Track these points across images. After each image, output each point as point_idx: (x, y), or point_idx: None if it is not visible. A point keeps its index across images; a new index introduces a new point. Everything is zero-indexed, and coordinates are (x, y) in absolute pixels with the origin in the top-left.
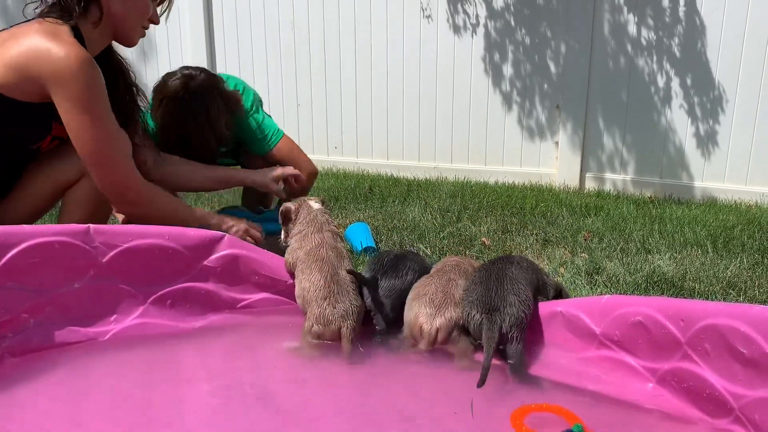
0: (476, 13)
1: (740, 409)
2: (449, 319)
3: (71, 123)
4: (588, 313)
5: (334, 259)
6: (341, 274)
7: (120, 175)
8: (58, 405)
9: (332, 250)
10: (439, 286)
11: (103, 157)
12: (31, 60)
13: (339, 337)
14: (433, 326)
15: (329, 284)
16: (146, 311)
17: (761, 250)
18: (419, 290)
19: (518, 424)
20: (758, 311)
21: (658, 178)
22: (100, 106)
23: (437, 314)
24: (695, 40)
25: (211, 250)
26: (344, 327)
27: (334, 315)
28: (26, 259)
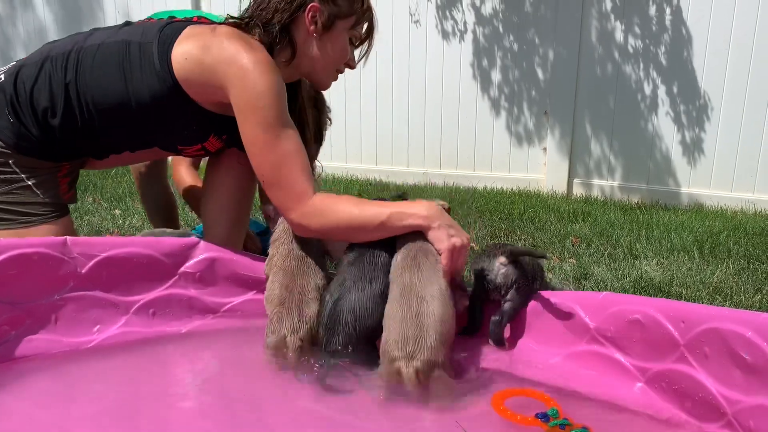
0: (464, 19)
1: (734, 415)
2: (426, 362)
3: (249, 129)
4: (583, 306)
5: (295, 269)
6: (300, 284)
7: (289, 193)
8: (44, 412)
9: (296, 260)
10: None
11: (275, 175)
12: (226, 68)
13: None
14: (411, 369)
15: (282, 294)
16: (129, 320)
17: (747, 255)
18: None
19: (498, 405)
20: (765, 318)
21: (645, 184)
22: (282, 121)
23: (414, 357)
24: (681, 49)
25: (187, 255)
26: (289, 336)
27: (281, 326)
28: (4, 271)
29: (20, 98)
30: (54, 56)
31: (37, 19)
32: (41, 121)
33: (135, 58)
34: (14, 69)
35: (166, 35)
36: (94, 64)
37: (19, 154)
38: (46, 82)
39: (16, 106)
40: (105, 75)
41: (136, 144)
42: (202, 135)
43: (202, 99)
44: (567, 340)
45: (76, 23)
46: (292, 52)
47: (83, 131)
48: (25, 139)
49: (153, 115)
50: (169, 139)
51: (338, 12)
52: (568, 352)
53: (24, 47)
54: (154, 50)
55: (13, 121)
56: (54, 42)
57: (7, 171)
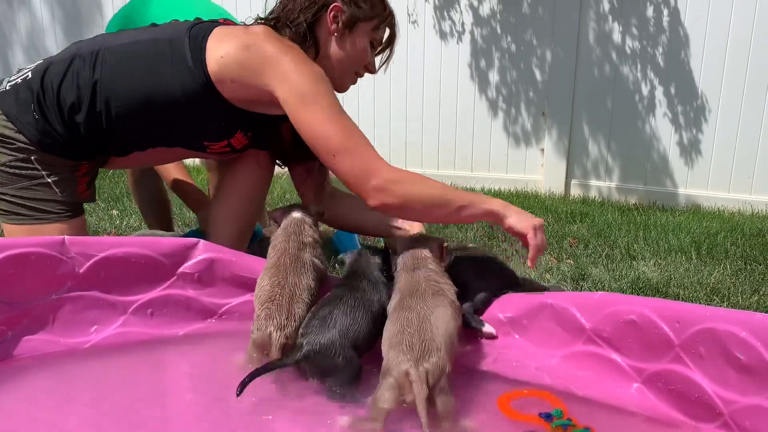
0: (462, 20)
1: (730, 415)
2: (435, 364)
3: (308, 117)
4: (579, 307)
5: (288, 268)
6: (291, 283)
7: (367, 160)
8: (41, 412)
9: (291, 258)
10: (414, 333)
11: (351, 144)
12: (271, 68)
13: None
14: (421, 369)
15: (273, 290)
16: (127, 321)
17: (744, 256)
18: (391, 340)
19: (505, 406)
20: (761, 319)
21: (643, 185)
22: (335, 101)
23: (421, 360)
24: (679, 50)
25: (186, 256)
26: (275, 333)
27: (268, 322)
28: (1, 270)
29: (47, 95)
30: (82, 54)
31: (35, 20)
32: (67, 119)
33: (165, 55)
34: (42, 67)
35: (196, 33)
36: (122, 61)
37: (41, 151)
38: (74, 80)
39: (42, 103)
40: (133, 71)
41: (162, 140)
42: (229, 131)
43: (234, 96)
44: (563, 341)
45: (74, 24)
46: (316, 51)
47: (109, 128)
48: (48, 136)
49: (182, 111)
50: (196, 135)
51: (360, 14)
52: (564, 353)
53: (22, 47)
54: (185, 48)
55: (38, 118)
56: (81, 41)
57: (29, 167)
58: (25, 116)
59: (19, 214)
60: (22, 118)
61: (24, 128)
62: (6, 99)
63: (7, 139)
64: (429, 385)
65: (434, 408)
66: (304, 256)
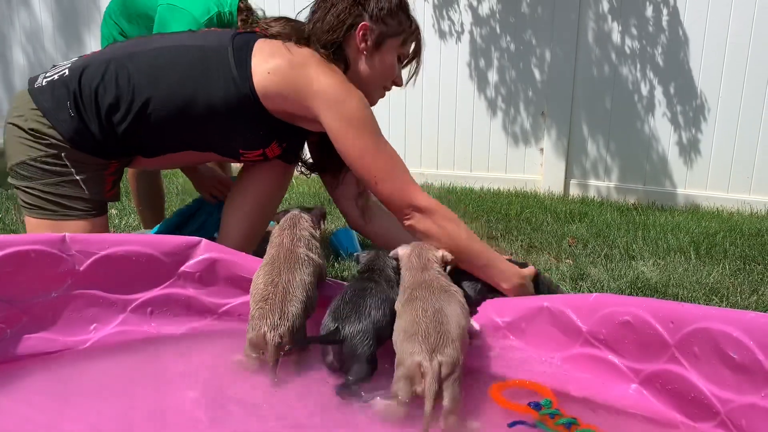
0: (461, 19)
1: (726, 414)
2: (450, 356)
3: (354, 143)
4: (575, 309)
5: (282, 264)
6: (285, 280)
7: (405, 189)
8: (38, 412)
9: (285, 253)
10: (430, 323)
11: (393, 171)
12: (320, 93)
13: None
14: (434, 361)
15: (267, 289)
16: (126, 319)
17: (743, 256)
18: (406, 329)
19: (497, 395)
20: (752, 317)
21: (642, 185)
22: (377, 128)
23: (436, 352)
24: (678, 50)
25: (188, 255)
26: (269, 333)
27: (262, 322)
28: (1, 268)
29: (84, 95)
30: (119, 56)
31: (34, 19)
32: (104, 119)
33: (210, 63)
34: (79, 66)
35: (240, 44)
36: (164, 66)
37: (73, 149)
38: (112, 81)
39: (78, 102)
40: (175, 76)
41: (197, 146)
42: (266, 140)
43: (277, 110)
44: (561, 343)
45: (73, 24)
46: (345, 69)
47: (145, 130)
48: (82, 135)
49: (221, 119)
50: (233, 143)
51: (388, 31)
52: (563, 355)
53: (21, 47)
54: (230, 58)
55: (74, 116)
56: (117, 43)
57: (59, 163)
58: (61, 113)
59: (44, 209)
60: (57, 114)
61: (58, 125)
62: (42, 95)
63: (39, 134)
64: (442, 377)
65: (440, 402)
66: (298, 250)
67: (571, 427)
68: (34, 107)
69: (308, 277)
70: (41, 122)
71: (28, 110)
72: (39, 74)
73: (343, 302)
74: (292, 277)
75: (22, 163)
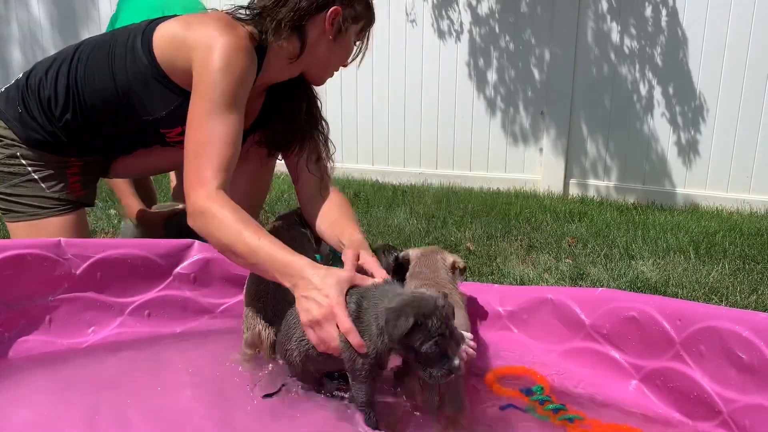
0: (460, 19)
1: (729, 414)
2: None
3: (192, 104)
4: (579, 302)
5: None
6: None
7: (200, 175)
8: (38, 413)
9: None
10: None
11: (200, 153)
12: (195, 41)
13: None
14: None
15: (259, 288)
16: (124, 321)
17: (742, 256)
18: None
19: (492, 382)
20: (762, 318)
21: (641, 185)
22: (226, 101)
23: None
24: (677, 50)
25: (182, 256)
26: (264, 331)
27: (256, 320)
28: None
29: (30, 89)
30: (66, 51)
31: (32, 18)
32: (45, 109)
33: (120, 46)
34: (30, 67)
35: (152, 25)
36: (89, 57)
37: (27, 147)
38: (54, 75)
39: (26, 96)
40: (95, 65)
41: (128, 133)
42: (182, 115)
43: (178, 78)
44: (562, 336)
45: (70, 22)
46: (301, 49)
47: (84, 124)
48: (32, 129)
49: (135, 96)
50: (152, 121)
51: (354, 15)
52: (563, 348)
53: (18, 46)
54: (138, 36)
55: (22, 111)
56: (69, 45)
57: (14, 163)
58: (12, 111)
59: (15, 211)
60: (8, 113)
61: (10, 123)
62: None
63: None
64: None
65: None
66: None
67: (558, 413)
68: None
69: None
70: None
71: None
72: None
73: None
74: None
75: None
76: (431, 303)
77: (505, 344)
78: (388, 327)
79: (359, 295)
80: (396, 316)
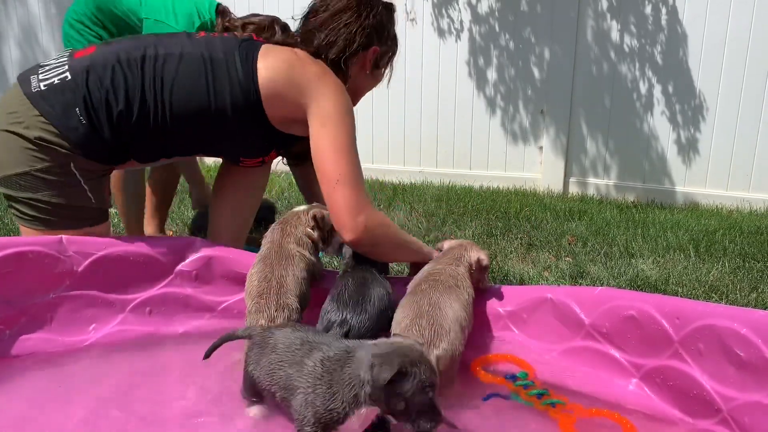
0: (460, 17)
1: (729, 411)
2: (445, 350)
3: (325, 143)
4: (579, 301)
5: (274, 260)
6: (278, 275)
7: (362, 196)
8: (39, 411)
9: (277, 250)
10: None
11: (355, 179)
12: (315, 83)
13: None
14: (431, 355)
15: (261, 285)
16: (125, 319)
17: (742, 254)
18: (400, 322)
19: (477, 370)
20: (760, 316)
21: (641, 183)
22: (354, 133)
23: (431, 348)
24: (677, 48)
25: (184, 254)
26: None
27: (259, 316)
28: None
29: (94, 101)
30: (126, 59)
31: (31, 15)
32: (115, 125)
33: (219, 71)
34: (81, 68)
35: (246, 50)
36: (177, 71)
37: (82, 157)
38: (121, 87)
39: (89, 108)
40: (189, 83)
41: (204, 150)
42: (266, 149)
43: (275, 114)
44: (562, 335)
45: None
46: (345, 81)
47: (154, 135)
48: (92, 142)
49: (230, 124)
50: (236, 150)
51: (387, 50)
52: (563, 348)
53: (17, 42)
54: (237, 64)
55: (85, 123)
56: (109, 44)
57: (67, 173)
58: (70, 120)
59: (48, 221)
60: (66, 122)
61: (69, 132)
62: (45, 100)
63: (46, 143)
64: (440, 372)
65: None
66: (288, 246)
67: (542, 398)
68: (37, 113)
69: (300, 272)
70: (47, 130)
71: (30, 117)
72: (29, 74)
73: (347, 291)
74: (285, 272)
75: (24, 174)
76: (417, 351)
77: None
78: (374, 372)
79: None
80: (381, 363)
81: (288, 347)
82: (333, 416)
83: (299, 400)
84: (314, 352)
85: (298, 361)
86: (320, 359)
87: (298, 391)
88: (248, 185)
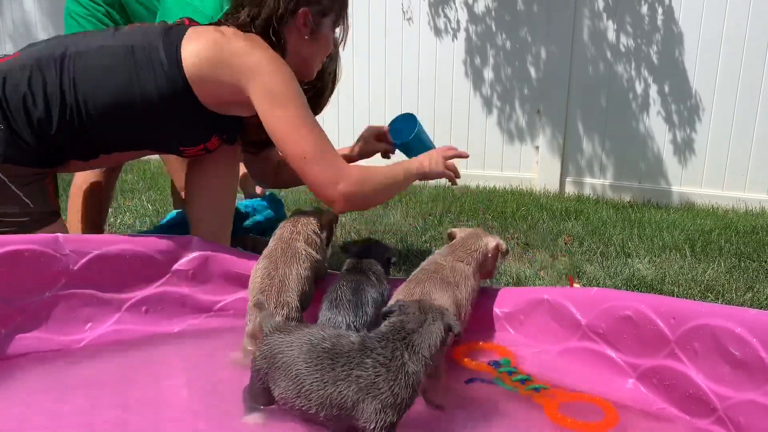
0: (457, 17)
1: (724, 410)
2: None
3: (280, 122)
4: (575, 302)
5: (279, 257)
6: (282, 273)
7: (334, 166)
8: (34, 411)
9: (282, 246)
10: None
11: (321, 150)
12: (243, 63)
13: None
14: None
15: (263, 282)
16: (121, 318)
17: (738, 253)
18: None
19: (460, 357)
20: (754, 315)
21: (637, 183)
22: (306, 104)
23: None
24: (673, 48)
25: (181, 253)
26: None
27: (256, 314)
28: None
29: (12, 105)
30: (44, 60)
31: (25, 12)
32: (36, 128)
33: (142, 61)
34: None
35: (170, 37)
36: (96, 67)
37: (7, 164)
38: (39, 88)
39: (7, 113)
40: (110, 77)
41: (138, 145)
42: (205, 135)
43: (209, 98)
44: (559, 336)
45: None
46: (282, 52)
47: (81, 134)
48: (15, 147)
49: (160, 117)
50: (173, 140)
51: (323, 10)
52: (560, 348)
53: (11, 40)
54: (161, 52)
55: (3, 128)
56: (33, 46)
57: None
58: None
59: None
60: None
61: None
62: None
63: None
64: None
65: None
66: (296, 244)
67: (525, 383)
68: None
69: (305, 271)
70: None
71: None
72: None
73: (343, 292)
74: (289, 270)
75: None
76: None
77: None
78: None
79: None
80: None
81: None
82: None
83: (371, 408)
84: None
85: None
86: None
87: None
88: (220, 184)
